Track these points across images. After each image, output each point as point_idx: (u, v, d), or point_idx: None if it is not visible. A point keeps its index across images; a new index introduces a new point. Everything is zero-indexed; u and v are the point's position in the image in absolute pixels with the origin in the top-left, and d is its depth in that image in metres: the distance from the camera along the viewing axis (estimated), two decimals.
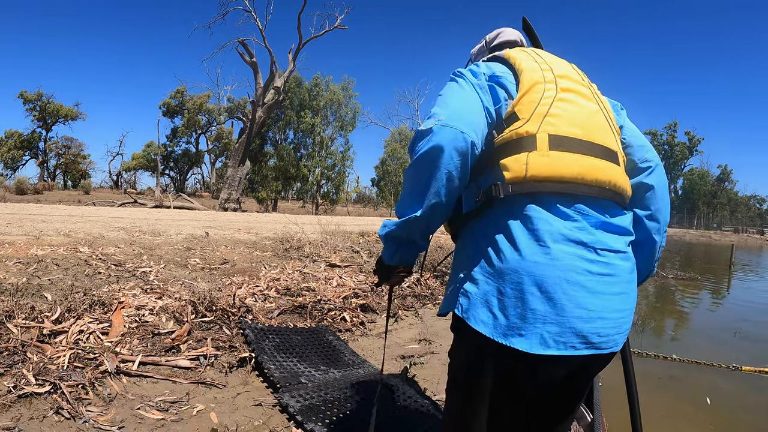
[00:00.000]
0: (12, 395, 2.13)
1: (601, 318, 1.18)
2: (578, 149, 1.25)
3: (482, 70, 1.38)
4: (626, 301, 1.25)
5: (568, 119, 1.27)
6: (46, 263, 3.73)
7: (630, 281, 1.27)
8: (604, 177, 1.26)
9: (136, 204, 22.60)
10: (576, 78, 1.40)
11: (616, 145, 1.35)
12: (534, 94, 1.29)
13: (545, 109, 1.27)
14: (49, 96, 42.73)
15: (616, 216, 1.29)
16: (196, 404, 2.48)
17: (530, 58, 1.40)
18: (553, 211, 1.22)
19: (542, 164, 1.22)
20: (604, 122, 1.35)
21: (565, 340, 1.15)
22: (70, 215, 8.05)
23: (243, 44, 24.22)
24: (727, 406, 3.85)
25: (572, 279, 1.16)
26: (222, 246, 5.45)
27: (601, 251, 1.21)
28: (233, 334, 3.20)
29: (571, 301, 1.15)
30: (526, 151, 1.24)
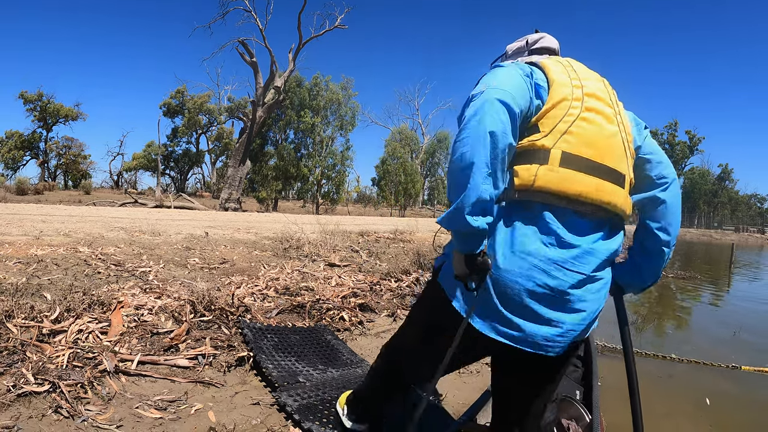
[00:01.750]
0: (11, 394, 2.14)
1: (545, 324, 1.36)
2: (587, 170, 1.35)
3: (527, 70, 1.45)
4: (580, 316, 1.39)
5: (585, 139, 1.37)
6: (46, 263, 3.74)
7: (590, 300, 1.39)
8: (606, 198, 1.37)
9: (137, 204, 22.63)
10: (603, 97, 1.47)
11: (626, 168, 1.45)
12: (559, 110, 1.38)
13: (565, 127, 1.36)
14: (49, 96, 42.77)
15: (605, 239, 1.41)
16: (194, 403, 2.49)
17: (564, 72, 1.47)
18: (540, 225, 1.35)
19: (550, 179, 1.33)
20: (620, 145, 1.44)
21: (505, 332, 1.37)
22: (70, 215, 8.07)
23: (243, 44, 24.25)
24: (727, 405, 3.85)
25: (525, 287, 1.33)
26: (221, 246, 5.46)
27: (568, 270, 1.34)
28: (232, 333, 3.22)
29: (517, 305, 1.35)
30: (538, 163, 1.34)
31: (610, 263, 1.46)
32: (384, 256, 6.24)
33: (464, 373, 3.59)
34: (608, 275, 1.46)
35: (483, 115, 1.26)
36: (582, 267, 1.35)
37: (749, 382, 4.39)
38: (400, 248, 6.80)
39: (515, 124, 1.31)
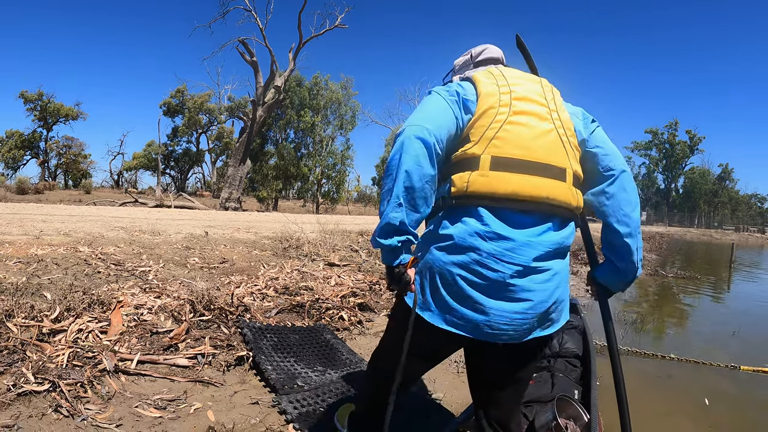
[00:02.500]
0: (11, 393, 2.15)
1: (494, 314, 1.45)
2: (518, 170, 1.46)
3: (456, 89, 1.59)
4: (526, 305, 1.46)
5: (514, 141, 1.48)
6: (46, 263, 3.75)
7: (536, 290, 1.47)
8: (543, 193, 1.47)
9: (137, 203, 22.63)
10: (535, 98, 1.58)
11: (566, 161, 1.54)
12: (485, 119, 1.51)
13: (493, 133, 1.48)
14: (49, 96, 42.81)
15: (551, 230, 1.50)
16: (193, 402, 2.50)
17: (494, 81, 1.59)
18: (477, 223, 1.46)
19: (481, 183, 1.45)
20: (556, 141, 1.54)
21: (456, 322, 1.48)
22: (71, 215, 8.08)
23: (243, 43, 24.23)
24: (726, 405, 3.84)
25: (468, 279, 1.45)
26: (221, 245, 5.47)
27: (506, 263, 1.44)
28: (231, 332, 3.23)
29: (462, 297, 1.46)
30: (470, 170, 1.48)
31: (560, 254, 1.52)
32: None
33: (462, 373, 3.60)
34: (559, 266, 1.52)
35: (402, 153, 1.44)
36: (520, 258, 1.44)
37: (748, 382, 4.38)
38: None
39: (433, 153, 1.45)
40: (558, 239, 1.50)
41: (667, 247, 23.49)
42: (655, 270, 12.42)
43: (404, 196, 1.45)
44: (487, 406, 1.72)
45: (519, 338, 1.49)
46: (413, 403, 2.90)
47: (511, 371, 1.65)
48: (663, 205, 70.09)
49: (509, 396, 1.71)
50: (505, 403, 1.71)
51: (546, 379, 3.19)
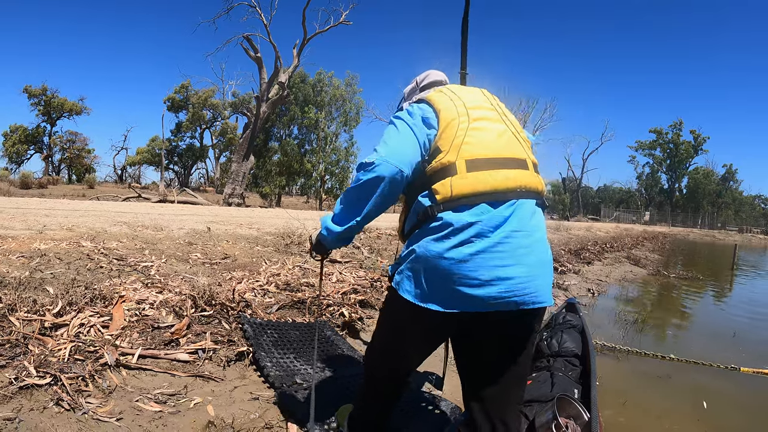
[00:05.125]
0: (13, 386, 2.17)
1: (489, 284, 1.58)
2: (490, 167, 1.66)
3: (416, 111, 1.79)
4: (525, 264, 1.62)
5: (479, 144, 1.68)
6: (49, 257, 3.77)
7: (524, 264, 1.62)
8: (515, 184, 1.67)
9: (140, 198, 22.68)
10: (485, 105, 1.82)
11: (524, 153, 1.77)
12: (450, 129, 1.70)
13: (461, 140, 1.67)
14: (53, 90, 42.91)
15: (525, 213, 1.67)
16: (193, 397, 2.52)
17: (447, 98, 1.80)
18: (463, 220, 1.60)
19: (463, 185, 1.63)
20: (512, 138, 1.77)
21: (457, 302, 1.60)
22: (74, 209, 8.10)
23: (248, 39, 24.20)
24: (725, 408, 3.85)
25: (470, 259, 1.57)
26: (223, 241, 5.49)
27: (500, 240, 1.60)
28: (232, 328, 3.25)
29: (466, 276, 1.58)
30: (450, 176, 1.65)
31: (538, 229, 1.71)
32: (386, 253, 6.27)
33: None
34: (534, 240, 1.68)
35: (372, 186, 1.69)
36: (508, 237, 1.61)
37: (748, 383, 4.39)
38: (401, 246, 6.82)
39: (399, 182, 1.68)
40: (533, 221, 1.69)
41: (670, 248, 23.45)
42: (657, 270, 12.42)
43: (361, 220, 1.77)
44: (486, 396, 1.78)
45: (515, 306, 1.61)
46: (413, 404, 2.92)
47: (511, 349, 1.74)
48: (666, 205, 69.88)
49: (509, 383, 1.78)
50: (504, 392, 1.78)
51: (545, 378, 3.20)
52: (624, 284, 9.90)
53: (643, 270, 12.29)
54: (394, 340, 1.91)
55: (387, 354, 1.97)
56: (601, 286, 8.83)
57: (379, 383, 2.06)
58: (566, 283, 8.04)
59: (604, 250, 14.22)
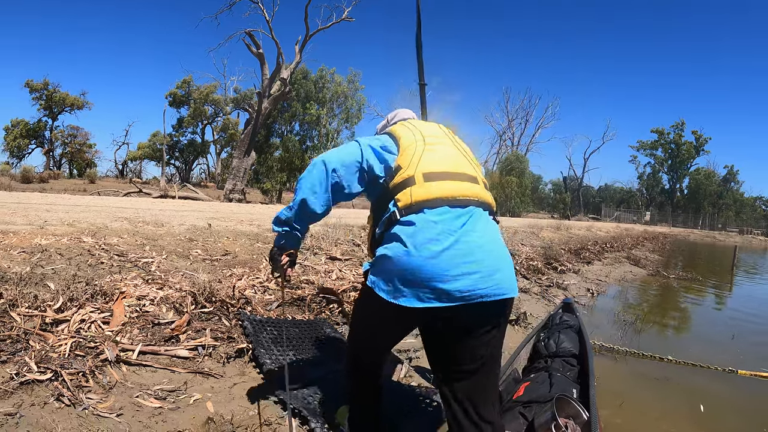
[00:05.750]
0: (14, 382, 2.19)
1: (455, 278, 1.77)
2: (445, 178, 1.95)
3: (378, 142, 2.10)
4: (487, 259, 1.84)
5: (435, 162, 1.99)
6: (50, 253, 3.78)
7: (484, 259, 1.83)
8: (469, 193, 1.96)
9: (141, 194, 22.71)
10: (439, 134, 2.16)
11: (474, 172, 2.08)
12: (409, 151, 2.01)
13: (418, 159, 1.98)
14: (55, 85, 42.85)
15: (479, 219, 1.93)
16: (193, 393, 2.54)
17: (407, 129, 2.13)
18: (426, 220, 1.85)
19: (421, 192, 1.90)
20: (462, 159, 2.09)
21: (428, 297, 1.78)
22: (75, 204, 8.11)
23: (250, 35, 24.16)
24: (721, 410, 3.88)
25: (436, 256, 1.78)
26: (224, 237, 5.50)
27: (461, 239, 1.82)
28: (232, 325, 3.26)
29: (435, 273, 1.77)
30: (410, 186, 1.93)
31: (493, 231, 1.97)
32: None
33: None
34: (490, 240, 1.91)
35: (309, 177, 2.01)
36: (467, 237, 1.84)
37: (746, 386, 4.41)
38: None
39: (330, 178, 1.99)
40: (489, 226, 1.97)
41: (670, 248, 23.46)
42: (657, 270, 12.43)
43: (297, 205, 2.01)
44: (458, 387, 1.94)
45: (481, 298, 1.80)
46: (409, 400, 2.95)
47: (478, 339, 1.91)
48: (667, 206, 69.77)
49: (478, 372, 1.93)
50: (475, 381, 1.95)
51: (544, 379, 3.22)
52: (623, 284, 9.91)
53: (642, 270, 12.31)
54: (372, 335, 2.13)
55: (365, 348, 2.19)
56: (601, 286, 8.83)
57: (363, 376, 2.23)
58: (566, 283, 8.05)
59: (604, 250, 14.23)
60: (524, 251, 9.30)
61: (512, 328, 5.02)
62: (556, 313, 4.67)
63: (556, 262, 9.43)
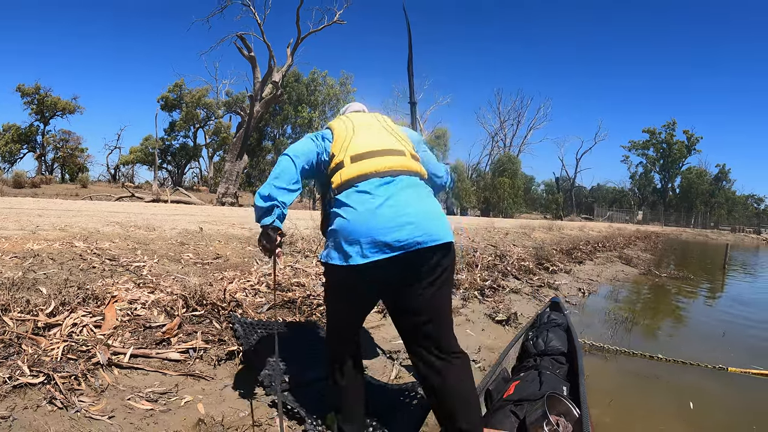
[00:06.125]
0: (7, 386, 2.22)
1: (392, 230, 2.08)
2: (369, 156, 2.30)
3: (320, 134, 2.54)
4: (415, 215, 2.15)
5: (361, 145, 2.35)
6: (42, 258, 3.80)
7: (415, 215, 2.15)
8: (394, 165, 2.29)
9: (134, 198, 22.64)
10: (371, 121, 2.54)
11: (401, 146, 2.42)
12: (339, 140, 2.40)
13: (346, 145, 2.36)
14: (46, 89, 42.66)
15: (407, 185, 2.26)
16: (184, 395, 2.58)
17: (341, 122, 2.53)
18: (356, 190, 2.21)
19: (349, 172, 2.27)
20: (390, 137, 2.45)
21: (372, 251, 2.08)
22: (67, 209, 8.11)
23: (241, 38, 24.20)
24: (710, 408, 3.89)
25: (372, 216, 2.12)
26: (216, 241, 5.52)
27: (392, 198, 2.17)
28: (223, 328, 3.30)
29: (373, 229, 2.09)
30: (340, 169, 2.31)
31: (422, 193, 2.31)
32: None
33: None
34: (419, 199, 2.26)
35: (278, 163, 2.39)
36: (397, 196, 2.18)
37: (736, 383, 4.44)
38: None
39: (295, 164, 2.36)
40: (416, 188, 2.29)
41: (663, 247, 23.54)
42: (648, 269, 12.51)
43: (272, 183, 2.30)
44: (421, 334, 2.25)
45: (418, 245, 2.10)
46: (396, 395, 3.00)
47: (429, 284, 2.19)
48: (659, 205, 70.05)
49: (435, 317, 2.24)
50: (435, 327, 2.24)
51: (534, 377, 3.25)
52: (615, 284, 9.95)
53: (634, 269, 12.38)
54: (340, 308, 2.42)
55: (341, 325, 2.44)
56: (592, 286, 8.87)
57: (341, 356, 2.43)
58: (557, 283, 8.08)
59: (596, 250, 14.29)
60: (515, 252, 9.33)
61: (503, 328, 5.07)
62: (544, 312, 4.71)
63: (547, 263, 9.46)
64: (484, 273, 6.87)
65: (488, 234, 11.21)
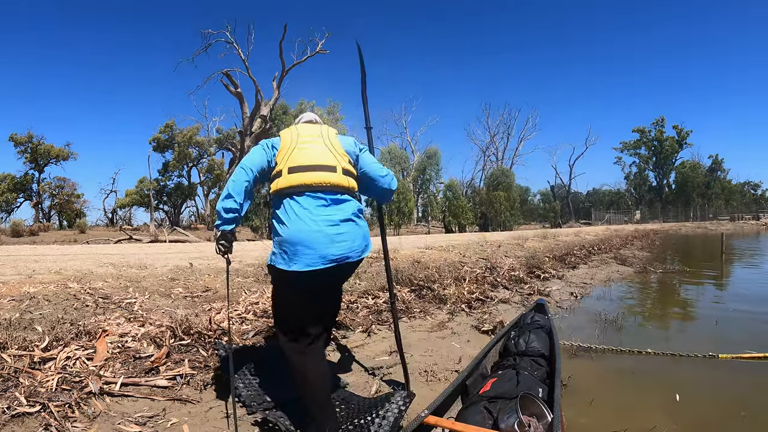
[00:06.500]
0: (6, 415, 2.43)
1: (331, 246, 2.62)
2: (303, 170, 2.70)
3: (270, 142, 2.88)
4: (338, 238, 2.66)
5: (299, 157, 2.74)
6: (38, 299, 3.98)
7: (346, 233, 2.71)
8: (324, 180, 2.71)
9: (132, 240, 22.75)
10: (315, 134, 2.89)
11: (336, 162, 2.80)
12: (284, 151, 2.79)
13: (288, 157, 2.75)
14: (39, 137, 43.08)
15: (331, 196, 2.73)
16: (171, 418, 2.76)
17: (289, 133, 2.90)
18: (293, 201, 2.66)
19: (284, 181, 2.70)
20: (327, 153, 2.81)
21: (313, 261, 2.57)
22: (63, 254, 8.28)
23: (227, 75, 24.64)
24: (698, 399, 3.85)
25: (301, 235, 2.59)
26: (206, 275, 5.69)
27: (324, 221, 2.64)
28: (209, 354, 3.49)
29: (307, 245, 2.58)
30: (278, 177, 2.73)
31: (351, 213, 2.77)
32: (364, 275, 6.46)
33: (432, 381, 3.85)
34: (348, 217, 2.74)
35: (233, 175, 2.72)
36: (327, 217, 2.66)
37: (727, 370, 4.45)
38: (381, 266, 7.02)
39: (248, 173, 2.72)
40: (344, 205, 2.76)
41: (660, 244, 23.43)
42: (644, 267, 12.57)
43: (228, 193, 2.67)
44: (327, 319, 3.06)
45: (347, 259, 2.69)
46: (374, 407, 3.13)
47: (337, 289, 3.20)
48: (657, 202, 70.18)
49: (334, 306, 3.25)
50: (331, 313, 3.24)
51: (511, 376, 3.30)
52: (609, 284, 9.96)
53: (629, 269, 12.41)
54: (286, 307, 2.81)
55: (288, 318, 2.80)
56: (585, 289, 8.95)
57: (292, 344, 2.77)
58: (548, 289, 8.15)
59: (591, 253, 14.39)
60: (507, 263, 9.37)
61: (488, 338, 5.16)
62: (528, 313, 4.79)
63: (539, 270, 9.55)
64: (473, 286, 6.97)
65: (480, 248, 11.32)
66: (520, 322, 4.56)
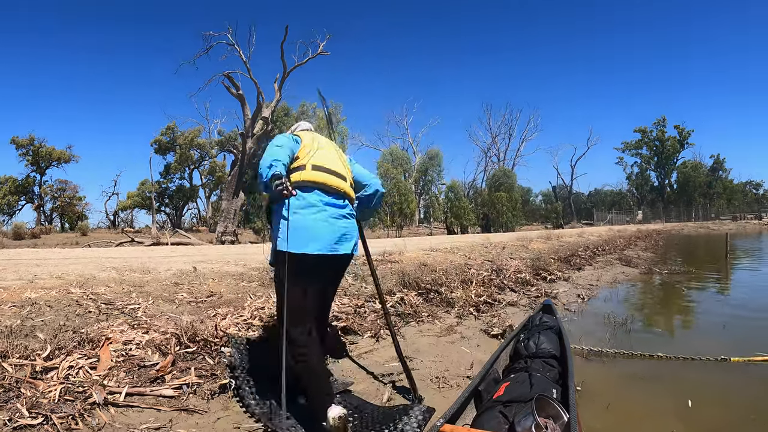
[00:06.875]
0: (7, 428, 2.34)
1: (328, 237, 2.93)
2: (323, 171, 3.07)
3: (292, 135, 3.25)
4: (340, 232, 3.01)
5: (321, 159, 3.10)
6: (39, 305, 3.90)
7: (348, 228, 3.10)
8: (335, 184, 3.08)
9: (134, 243, 22.73)
10: (329, 146, 3.32)
11: (345, 172, 3.22)
12: (305, 149, 3.13)
13: (311, 155, 3.10)
14: (41, 140, 43.10)
15: (339, 200, 3.09)
16: (178, 429, 2.68)
17: (310, 136, 3.27)
18: (310, 196, 2.96)
19: (307, 176, 3.01)
20: (339, 162, 3.23)
21: (323, 247, 2.89)
22: (65, 258, 8.21)
23: (228, 77, 24.53)
24: (710, 404, 3.80)
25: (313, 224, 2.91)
26: (210, 279, 5.60)
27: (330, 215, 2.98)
28: (215, 362, 3.40)
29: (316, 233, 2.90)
30: (301, 171, 3.03)
31: (349, 215, 3.13)
32: (370, 279, 6.37)
33: (444, 387, 3.79)
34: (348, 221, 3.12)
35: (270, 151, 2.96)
36: (335, 212, 3.01)
37: (739, 374, 4.39)
38: (387, 269, 6.94)
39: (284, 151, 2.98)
40: (345, 208, 3.10)
41: (664, 244, 23.41)
42: (649, 268, 12.51)
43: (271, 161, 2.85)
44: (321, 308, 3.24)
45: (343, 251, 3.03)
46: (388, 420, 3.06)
47: (338, 277, 3.43)
48: (659, 202, 70.06)
49: (331, 297, 3.53)
50: (328, 303, 3.47)
51: (524, 379, 3.27)
52: (615, 286, 9.91)
53: (635, 270, 12.36)
54: (296, 290, 2.81)
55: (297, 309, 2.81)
56: (592, 291, 8.88)
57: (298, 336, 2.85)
58: (555, 291, 8.08)
59: (595, 254, 14.31)
60: (513, 265, 9.28)
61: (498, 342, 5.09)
62: (536, 315, 4.76)
63: (545, 272, 9.47)
64: (480, 289, 6.90)
65: (485, 250, 11.24)
66: (528, 324, 4.54)
